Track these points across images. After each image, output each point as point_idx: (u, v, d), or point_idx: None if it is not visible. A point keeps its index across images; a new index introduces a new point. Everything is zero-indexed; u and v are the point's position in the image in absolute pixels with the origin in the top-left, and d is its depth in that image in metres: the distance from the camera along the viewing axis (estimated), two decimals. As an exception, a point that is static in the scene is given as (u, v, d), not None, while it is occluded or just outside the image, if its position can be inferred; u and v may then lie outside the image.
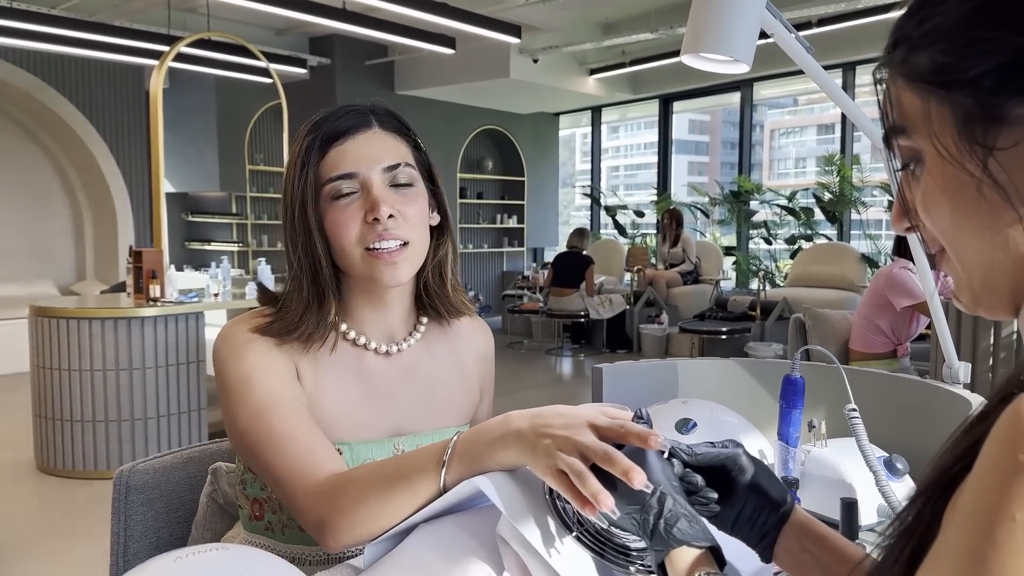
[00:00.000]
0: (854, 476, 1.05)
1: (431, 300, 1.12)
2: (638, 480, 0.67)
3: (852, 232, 7.63)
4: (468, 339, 1.18)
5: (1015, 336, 2.24)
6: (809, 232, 7.74)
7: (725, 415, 1.27)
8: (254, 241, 9.09)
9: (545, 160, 10.70)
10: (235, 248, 9.12)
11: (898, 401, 1.26)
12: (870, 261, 6.84)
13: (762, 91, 8.55)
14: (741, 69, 0.95)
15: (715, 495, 0.75)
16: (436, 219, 1.09)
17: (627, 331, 7.72)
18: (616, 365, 1.42)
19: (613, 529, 0.74)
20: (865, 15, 5.90)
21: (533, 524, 0.76)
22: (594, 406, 1.18)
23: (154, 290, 4.19)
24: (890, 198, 6.74)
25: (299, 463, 0.92)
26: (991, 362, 2.23)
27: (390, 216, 0.98)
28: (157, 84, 4.79)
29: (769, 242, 8.03)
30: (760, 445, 1.21)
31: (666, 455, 0.73)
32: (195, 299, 4.31)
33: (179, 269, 7.92)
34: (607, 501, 0.68)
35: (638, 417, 0.77)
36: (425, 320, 1.13)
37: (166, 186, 8.63)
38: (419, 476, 0.83)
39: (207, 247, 9.14)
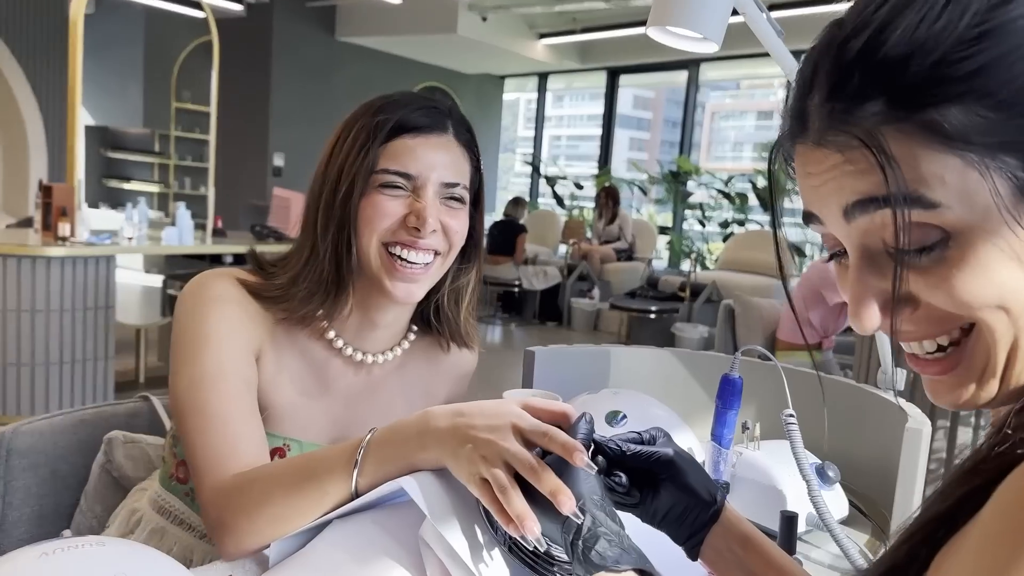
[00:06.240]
0: (785, 482, 1.02)
1: (439, 324, 1.06)
2: (567, 506, 0.62)
3: (784, 219, 7.77)
4: (448, 360, 1.11)
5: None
6: (742, 217, 7.85)
7: (655, 408, 1.23)
8: (176, 183, 8.71)
9: (487, 123, 10.56)
10: (156, 189, 8.74)
11: (831, 405, 1.24)
12: (798, 250, 6.99)
13: (709, 72, 8.59)
14: (709, 48, 0.88)
15: (637, 495, 0.72)
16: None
17: (559, 304, 7.73)
18: (549, 349, 1.36)
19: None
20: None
21: (460, 531, 0.70)
22: (520, 395, 1.12)
23: (63, 228, 3.94)
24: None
25: (218, 450, 0.85)
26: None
27: (432, 230, 0.93)
28: (79, 7, 4.47)
29: (703, 224, 8.12)
30: (689, 442, 1.17)
31: (595, 471, 0.67)
32: (107, 241, 4.07)
33: (94, 206, 7.54)
34: (533, 528, 0.63)
35: (579, 419, 0.71)
36: (412, 338, 1.06)
37: (85, 118, 8.18)
38: (329, 476, 0.76)
39: (125, 185, 8.73)
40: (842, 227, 0.47)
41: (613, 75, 9.25)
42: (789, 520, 0.87)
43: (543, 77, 10.03)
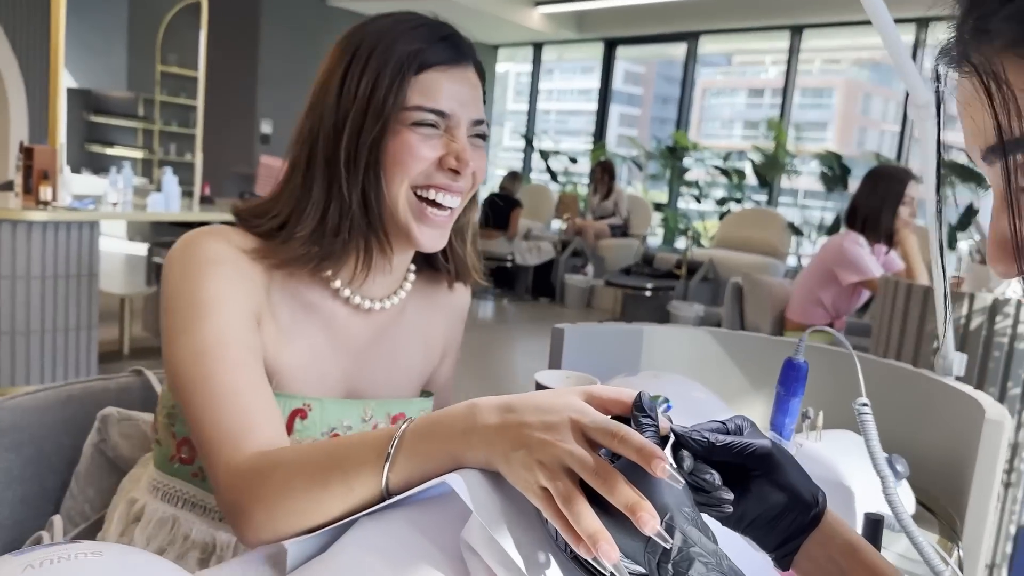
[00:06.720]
0: (852, 477, 0.93)
1: (447, 263, 1.00)
2: (649, 524, 0.51)
3: (781, 199, 7.69)
4: (444, 296, 1.06)
5: (963, 320, 2.22)
6: (739, 195, 7.75)
7: (697, 392, 1.13)
8: (161, 149, 8.50)
9: (480, 95, 10.35)
10: (140, 155, 8.53)
11: (883, 391, 1.15)
12: (795, 230, 6.91)
13: (707, 45, 8.44)
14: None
15: (730, 496, 0.61)
16: None
17: (552, 280, 7.64)
18: (578, 327, 1.26)
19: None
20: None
21: (515, 536, 0.60)
22: (552, 377, 1.02)
23: (45, 192, 3.79)
24: (825, 170, 6.79)
25: (230, 426, 0.76)
26: (936, 345, 2.20)
27: (471, 172, 0.88)
28: (60, -39, 4.27)
29: (699, 201, 8.01)
30: (737, 430, 1.08)
31: (682, 484, 0.56)
32: (91, 206, 3.92)
33: (76, 172, 7.33)
34: (610, 552, 0.52)
35: (639, 411, 0.60)
36: (412, 279, 0.99)
37: (67, 80, 7.92)
38: (357, 470, 0.66)
39: (108, 151, 8.51)
40: (983, 164, 0.43)
41: (610, 46, 9.08)
42: (875, 524, 0.78)
43: (538, 47, 9.83)
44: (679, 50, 8.47)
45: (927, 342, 2.24)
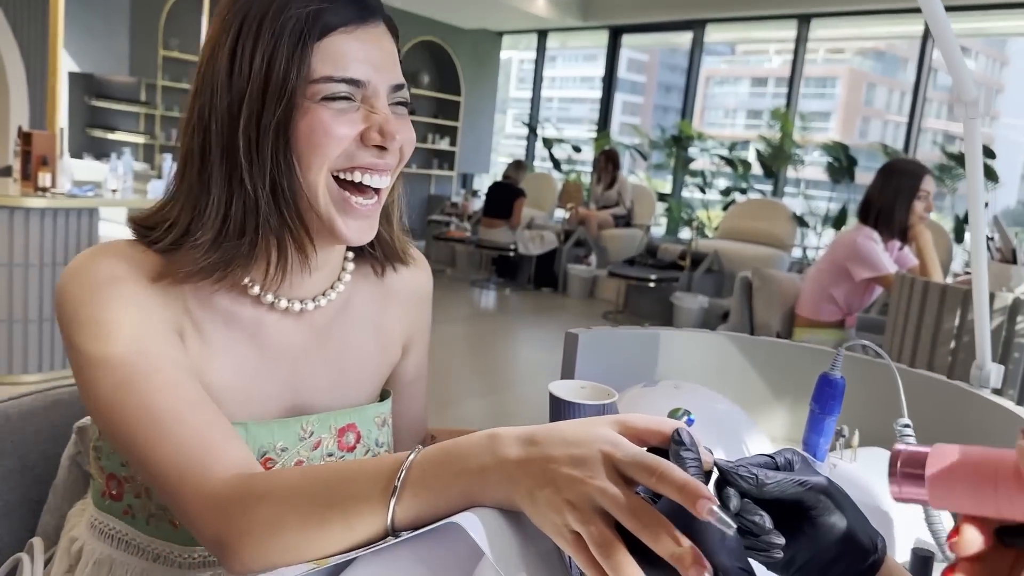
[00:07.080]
0: (890, 500, 0.87)
1: (372, 248, 0.89)
2: None
3: (786, 189, 7.59)
4: (398, 282, 0.94)
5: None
6: (744, 185, 7.65)
7: (720, 404, 1.07)
8: (162, 134, 8.42)
9: (484, 82, 10.28)
10: (141, 140, 8.45)
11: (914, 402, 1.09)
12: (801, 221, 6.83)
13: (713, 34, 8.33)
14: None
15: (781, 542, 0.54)
16: None
17: (555, 269, 7.57)
18: (592, 331, 1.20)
19: None
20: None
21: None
22: (567, 388, 0.95)
23: (44, 179, 3.73)
24: (831, 160, 6.70)
25: (188, 454, 0.68)
26: (953, 345, 2.14)
27: (399, 146, 0.77)
28: (58, -58, 4.19)
29: (703, 191, 7.92)
30: (761, 448, 1.02)
31: (733, 528, 0.48)
32: (90, 193, 3.86)
33: (78, 157, 7.27)
34: None
35: (679, 444, 0.54)
36: (351, 268, 0.88)
37: (69, 64, 7.84)
38: (358, 507, 0.59)
39: (110, 136, 8.43)
40: None
41: (616, 34, 8.97)
42: (925, 561, 0.72)
43: (542, 35, 9.73)
44: (683, 38, 8.37)
45: (944, 342, 2.18)
